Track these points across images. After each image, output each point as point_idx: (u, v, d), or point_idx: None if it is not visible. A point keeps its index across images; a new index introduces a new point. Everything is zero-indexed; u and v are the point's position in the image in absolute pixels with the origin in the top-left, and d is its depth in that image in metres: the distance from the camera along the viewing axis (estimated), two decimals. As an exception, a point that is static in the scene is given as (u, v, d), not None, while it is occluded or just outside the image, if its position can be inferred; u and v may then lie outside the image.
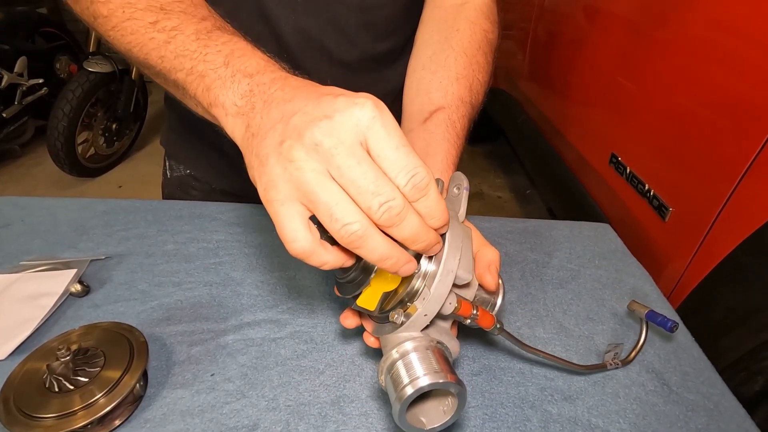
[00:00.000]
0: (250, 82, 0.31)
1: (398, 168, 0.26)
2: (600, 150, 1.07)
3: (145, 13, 0.36)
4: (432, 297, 0.30)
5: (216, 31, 0.35)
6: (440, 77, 0.50)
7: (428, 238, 0.28)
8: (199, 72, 0.33)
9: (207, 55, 0.33)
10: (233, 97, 0.31)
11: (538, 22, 1.67)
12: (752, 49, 0.66)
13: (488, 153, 2.86)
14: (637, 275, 0.55)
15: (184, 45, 0.34)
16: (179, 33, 0.35)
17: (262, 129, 0.28)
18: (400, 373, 0.29)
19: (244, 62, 0.32)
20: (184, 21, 0.35)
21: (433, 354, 0.30)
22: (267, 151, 0.27)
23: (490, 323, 0.34)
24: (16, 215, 0.61)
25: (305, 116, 0.27)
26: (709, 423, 0.38)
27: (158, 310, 0.47)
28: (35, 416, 0.33)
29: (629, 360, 0.43)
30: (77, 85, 2.21)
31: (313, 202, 0.26)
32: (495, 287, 0.36)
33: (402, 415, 0.29)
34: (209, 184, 0.69)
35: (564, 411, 0.38)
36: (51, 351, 0.36)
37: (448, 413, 0.30)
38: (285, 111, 0.28)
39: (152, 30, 0.36)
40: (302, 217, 0.27)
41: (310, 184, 0.26)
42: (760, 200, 0.61)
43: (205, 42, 0.34)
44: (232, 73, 0.32)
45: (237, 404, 0.38)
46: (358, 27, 0.53)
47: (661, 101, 0.85)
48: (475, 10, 0.52)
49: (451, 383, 0.29)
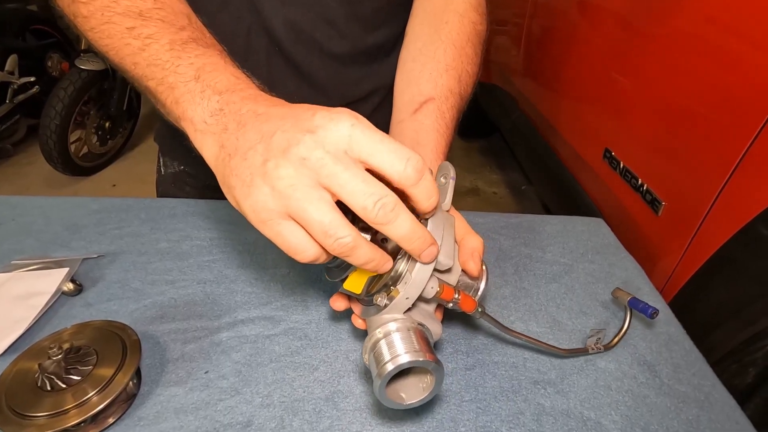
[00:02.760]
0: (220, 99, 0.31)
1: (393, 157, 0.27)
2: (594, 145, 1.07)
3: (123, 18, 0.36)
4: (413, 281, 0.31)
5: (191, 42, 0.35)
6: (430, 69, 0.50)
7: (422, 235, 0.29)
8: (170, 83, 0.33)
9: (179, 67, 0.33)
10: (202, 114, 0.31)
11: (532, 18, 1.67)
12: (743, 44, 0.67)
13: (483, 149, 2.87)
14: (630, 269, 0.56)
15: (157, 54, 0.34)
16: (154, 42, 0.35)
17: (240, 150, 0.28)
18: (382, 351, 0.31)
19: (214, 77, 0.32)
20: (160, 29, 0.35)
21: (415, 334, 0.32)
22: (251, 171, 0.27)
23: (471, 307, 0.35)
24: (7, 214, 0.61)
25: (286, 134, 0.27)
26: (700, 414, 0.39)
27: (152, 308, 0.47)
28: (27, 415, 0.33)
29: (612, 345, 0.44)
30: (69, 83, 2.19)
31: (306, 219, 0.27)
32: (477, 273, 0.37)
33: (382, 389, 0.30)
34: (203, 179, 0.69)
35: (557, 404, 0.39)
36: (43, 350, 0.36)
37: (426, 390, 0.32)
38: (263, 131, 0.28)
39: (128, 36, 0.36)
40: (300, 227, 0.28)
41: (302, 201, 0.26)
42: (750, 194, 0.62)
43: (178, 53, 0.34)
44: (201, 88, 0.32)
45: (231, 401, 0.38)
46: (347, 19, 0.53)
47: (654, 97, 0.86)
48: (463, 3, 0.52)
49: (430, 362, 0.30)
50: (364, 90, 0.60)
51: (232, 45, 0.52)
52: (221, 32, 0.51)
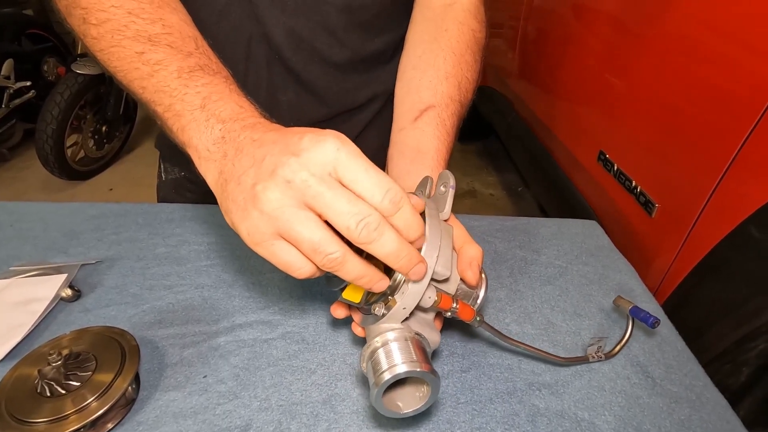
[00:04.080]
0: (223, 128, 0.32)
1: (372, 187, 0.27)
2: (588, 147, 1.08)
3: (132, 42, 0.37)
4: (410, 292, 0.32)
5: (198, 70, 0.35)
6: (430, 76, 0.50)
7: (408, 254, 0.29)
8: (177, 111, 0.34)
9: (186, 95, 0.34)
10: (206, 142, 0.32)
11: (527, 21, 1.68)
12: (735, 48, 0.68)
13: (480, 151, 2.88)
14: (624, 271, 0.56)
15: (165, 81, 0.35)
16: (162, 68, 0.35)
17: (235, 175, 0.30)
18: (380, 360, 0.31)
19: (219, 107, 0.33)
20: (169, 55, 0.36)
21: (412, 344, 0.32)
22: (243, 196, 0.29)
23: (470, 316, 0.36)
24: (5, 220, 0.61)
25: (274, 158, 0.28)
26: (692, 414, 0.39)
27: (150, 314, 0.47)
28: (27, 421, 0.33)
29: (613, 354, 0.44)
30: (66, 87, 2.19)
31: (296, 238, 0.28)
32: (476, 283, 0.38)
33: (378, 398, 0.31)
34: (204, 185, 0.70)
35: (551, 405, 0.39)
36: (42, 356, 0.36)
37: (422, 399, 0.33)
38: (256, 156, 0.29)
39: (137, 60, 0.36)
40: (292, 246, 0.28)
41: (290, 222, 0.27)
42: (741, 196, 0.63)
43: (185, 81, 0.35)
44: (206, 117, 0.33)
45: (229, 405, 0.38)
46: (347, 28, 0.54)
47: (648, 99, 0.86)
48: (463, 11, 0.53)
49: (426, 372, 0.31)
50: (364, 97, 0.61)
51: (233, 53, 0.53)
52: (223, 40, 0.51)
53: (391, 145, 0.51)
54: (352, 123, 0.63)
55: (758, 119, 0.61)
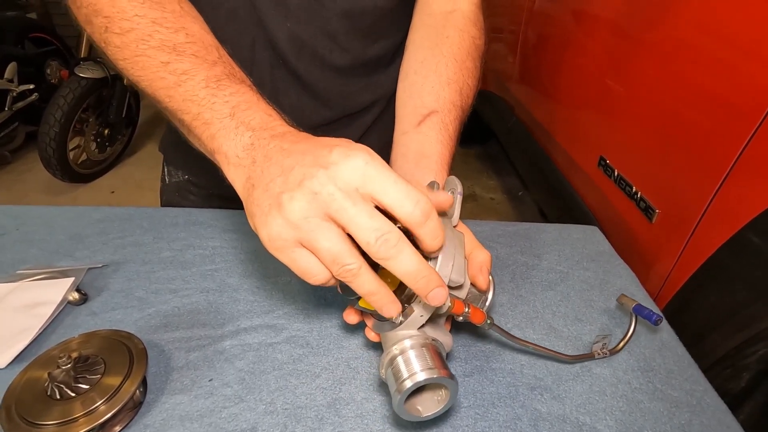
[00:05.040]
0: (252, 135, 0.33)
1: (403, 198, 0.28)
2: (589, 153, 1.09)
3: (157, 51, 0.37)
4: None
5: (225, 79, 0.36)
6: (432, 82, 0.51)
7: (427, 276, 0.29)
8: (205, 119, 0.35)
9: (214, 104, 0.35)
10: (235, 149, 0.33)
11: (527, 26, 1.70)
12: (735, 53, 0.68)
13: (480, 155, 2.89)
14: (624, 276, 0.57)
15: (193, 91, 0.36)
16: (189, 78, 0.36)
17: (263, 182, 0.31)
18: (400, 368, 0.32)
19: (248, 116, 0.34)
20: (195, 65, 0.37)
21: (429, 351, 0.33)
22: (269, 202, 0.30)
23: (481, 319, 0.36)
24: (11, 224, 0.62)
25: (303, 168, 0.29)
26: (692, 419, 0.40)
27: (156, 317, 0.47)
28: (37, 423, 0.33)
29: (617, 350, 0.45)
30: (69, 90, 2.20)
31: (316, 248, 0.29)
32: (487, 287, 0.39)
33: (401, 405, 0.32)
34: (207, 189, 0.70)
35: (553, 409, 0.40)
36: (52, 359, 0.37)
37: (441, 402, 0.34)
38: (284, 166, 0.30)
39: (163, 70, 0.37)
40: (311, 254, 0.30)
41: (313, 232, 0.28)
42: (740, 202, 0.63)
43: (213, 91, 0.35)
44: (236, 125, 0.33)
45: (235, 408, 0.39)
46: (348, 33, 0.54)
47: (648, 105, 0.87)
48: (463, 18, 0.54)
49: (445, 378, 0.32)
50: (366, 100, 0.62)
51: (237, 56, 0.53)
52: (227, 44, 0.52)
53: (394, 148, 0.52)
54: (354, 126, 0.63)
55: (758, 126, 0.62)
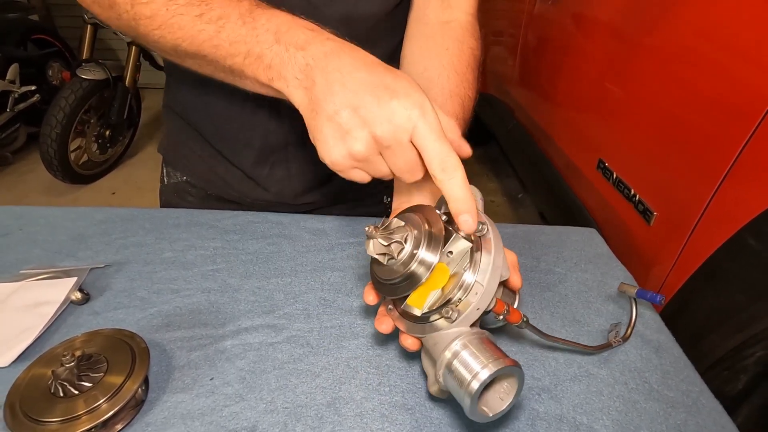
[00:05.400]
0: (305, 55, 0.35)
1: (435, 156, 0.34)
2: (588, 155, 1.10)
3: (188, 7, 0.38)
4: (485, 290, 0.33)
5: (256, 9, 0.38)
6: (434, 94, 0.52)
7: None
8: (257, 54, 0.37)
9: (258, 36, 0.37)
10: (293, 71, 0.36)
11: (527, 29, 1.70)
12: (732, 57, 0.69)
13: (480, 157, 2.90)
14: (622, 278, 0.57)
15: (235, 31, 0.37)
16: (227, 21, 0.38)
17: (326, 110, 0.34)
18: (469, 363, 0.31)
19: (292, 36, 0.36)
20: (225, 7, 0.38)
21: (487, 344, 0.32)
22: (334, 134, 0.35)
23: (518, 318, 0.37)
24: (14, 224, 0.62)
25: (369, 114, 0.33)
26: (688, 419, 0.40)
27: (157, 317, 0.48)
28: (41, 420, 0.34)
29: (627, 336, 0.47)
30: (70, 92, 2.21)
31: (371, 172, 0.37)
32: (521, 285, 0.39)
33: (474, 402, 0.31)
34: (205, 190, 0.71)
35: (550, 409, 0.40)
36: (56, 357, 0.37)
37: (506, 399, 0.33)
38: (347, 101, 0.34)
39: (200, 22, 0.38)
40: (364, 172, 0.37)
41: (369, 164, 0.36)
42: (737, 205, 0.64)
43: (252, 24, 0.37)
44: (285, 48, 0.36)
45: (236, 407, 0.39)
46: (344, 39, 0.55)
47: (646, 108, 0.88)
48: (461, 29, 0.54)
49: (513, 367, 0.31)
50: None
51: None
52: None
53: None
54: None
55: (755, 129, 0.63)
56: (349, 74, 0.34)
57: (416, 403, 0.40)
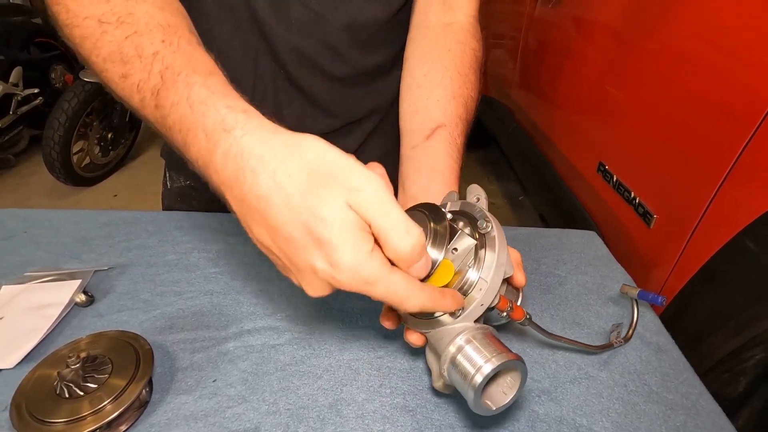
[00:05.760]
0: (208, 167, 0.34)
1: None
2: (588, 158, 1.10)
3: (110, 64, 0.33)
4: (489, 287, 0.33)
5: (162, 90, 0.32)
6: (437, 96, 0.52)
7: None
8: (179, 148, 0.34)
9: (171, 130, 0.33)
10: (214, 179, 0.34)
11: (528, 32, 1.71)
12: (731, 60, 0.69)
13: (481, 159, 2.90)
14: (622, 281, 0.57)
15: (151, 114, 0.33)
16: (143, 97, 0.33)
17: (261, 240, 0.32)
18: (473, 357, 0.32)
19: (191, 143, 0.32)
20: (140, 71, 0.33)
21: (491, 339, 0.33)
22: (285, 267, 0.31)
23: (521, 315, 0.37)
24: (18, 227, 0.63)
25: (304, 259, 0.29)
26: (687, 421, 0.40)
27: (161, 319, 0.48)
28: (46, 421, 0.34)
29: (629, 337, 0.47)
30: (73, 95, 2.22)
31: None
32: (524, 283, 0.40)
33: (477, 395, 0.31)
34: (209, 194, 0.71)
35: (550, 411, 0.40)
36: (61, 358, 0.38)
37: (509, 393, 0.33)
38: (279, 238, 0.30)
39: (127, 87, 0.34)
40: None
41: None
42: (736, 208, 0.64)
43: (161, 112, 0.33)
44: (196, 158, 0.34)
45: (239, 408, 0.39)
46: (348, 44, 0.56)
47: (646, 111, 0.88)
48: (462, 31, 0.55)
49: (516, 361, 0.32)
50: (366, 109, 0.63)
51: (241, 69, 0.55)
52: (232, 56, 0.53)
53: (405, 161, 0.53)
54: (355, 135, 0.65)
55: (753, 132, 0.63)
56: (269, 206, 0.30)
57: (417, 405, 0.40)
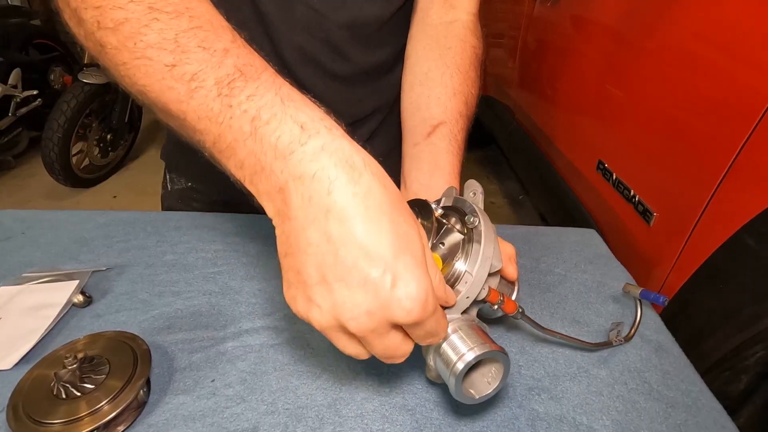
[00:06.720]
0: (285, 169, 0.27)
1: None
2: (588, 157, 1.10)
3: (159, 51, 0.30)
4: (474, 280, 0.34)
5: (237, 77, 0.29)
6: (438, 93, 0.52)
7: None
8: (227, 143, 0.29)
9: (232, 120, 0.28)
10: (266, 186, 0.28)
11: (527, 32, 1.71)
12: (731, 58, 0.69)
13: (481, 159, 2.90)
14: (621, 279, 0.57)
15: (206, 104, 0.29)
16: (200, 85, 0.29)
17: (296, 261, 0.30)
18: (457, 345, 0.33)
19: (272, 131, 0.28)
20: (204, 63, 0.29)
21: (477, 330, 0.34)
22: (302, 294, 0.30)
23: (513, 309, 0.38)
24: (17, 228, 0.63)
25: (346, 298, 0.28)
26: (688, 419, 0.40)
27: (159, 319, 0.48)
28: (43, 422, 0.34)
29: (630, 336, 0.47)
30: (72, 96, 2.22)
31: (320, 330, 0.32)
32: (516, 277, 0.40)
33: (459, 383, 0.32)
34: (210, 195, 0.71)
35: (550, 409, 0.40)
36: (58, 359, 0.37)
37: (492, 383, 0.34)
38: (323, 275, 0.28)
39: (170, 77, 0.29)
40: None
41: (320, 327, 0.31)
42: (736, 206, 0.64)
43: (228, 100, 0.29)
44: (261, 148, 0.28)
45: (237, 408, 0.39)
46: (350, 43, 0.56)
47: (646, 109, 0.88)
48: (463, 28, 0.55)
49: (498, 352, 0.33)
50: (369, 107, 0.63)
51: None
52: None
53: (407, 159, 0.53)
54: (359, 133, 0.65)
55: (752, 129, 0.63)
56: (330, 238, 0.27)
57: (416, 404, 0.40)
